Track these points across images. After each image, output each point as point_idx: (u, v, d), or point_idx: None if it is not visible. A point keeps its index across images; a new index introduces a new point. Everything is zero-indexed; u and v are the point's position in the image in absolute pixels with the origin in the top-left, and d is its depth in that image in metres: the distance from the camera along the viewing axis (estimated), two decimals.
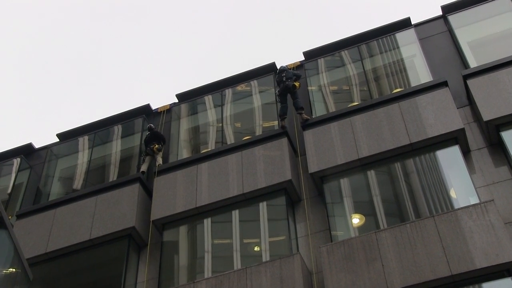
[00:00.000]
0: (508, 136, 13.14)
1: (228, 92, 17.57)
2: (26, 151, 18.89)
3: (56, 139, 18.91)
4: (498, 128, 13.30)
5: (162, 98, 56.22)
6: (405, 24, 16.94)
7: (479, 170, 13.12)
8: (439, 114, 13.70)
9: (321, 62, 17.03)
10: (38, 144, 19.26)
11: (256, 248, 13.90)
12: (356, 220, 13.41)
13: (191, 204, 14.62)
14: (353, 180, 13.98)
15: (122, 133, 18.07)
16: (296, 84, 15.34)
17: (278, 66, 17.07)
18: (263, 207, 14.29)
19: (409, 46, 16.34)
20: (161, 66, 57.73)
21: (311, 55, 17.47)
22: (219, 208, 14.56)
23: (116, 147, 17.72)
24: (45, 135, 56.22)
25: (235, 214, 14.39)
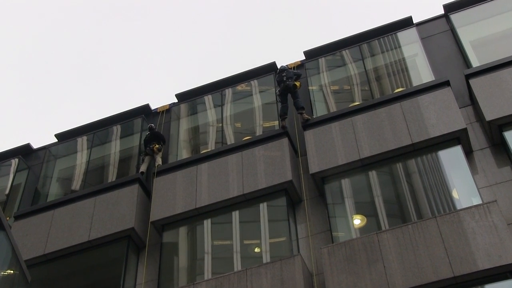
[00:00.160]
0: (511, 136, 13.07)
1: (228, 92, 17.55)
2: (24, 152, 18.84)
3: (54, 140, 18.87)
4: (501, 128, 13.26)
5: (161, 98, 56.22)
6: (406, 23, 16.91)
7: (481, 170, 13.07)
8: (441, 114, 13.66)
9: (322, 61, 17.00)
10: (36, 145, 19.29)
11: (257, 249, 13.88)
12: (357, 221, 13.37)
13: (190, 205, 14.59)
14: (355, 180, 13.95)
15: (121, 134, 18.03)
16: (297, 83, 15.33)
17: (279, 66, 17.08)
18: (263, 208, 14.26)
19: (411, 45, 16.32)
20: (160, 66, 57.84)
21: (311, 54, 17.43)
22: (219, 209, 14.53)
23: (115, 148, 17.69)
24: (43, 135, 56.31)
25: (235, 215, 14.37)
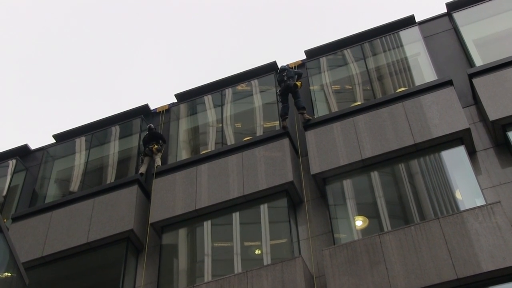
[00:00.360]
0: None
1: (228, 92, 17.53)
2: (22, 153, 18.79)
3: (52, 140, 18.84)
4: (505, 128, 13.20)
5: (160, 98, 56.20)
6: (409, 22, 16.87)
7: (485, 171, 13.01)
8: (444, 113, 13.62)
9: (323, 61, 16.98)
10: (34, 145, 19.25)
11: (257, 251, 13.85)
12: (359, 222, 13.33)
13: (190, 207, 14.54)
14: (356, 181, 13.90)
15: (120, 134, 18.00)
16: (298, 83, 15.33)
17: (279, 65, 17.08)
18: (264, 209, 14.22)
19: (413, 44, 16.29)
20: (159, 65, 57.79)
21: (313, 53, 17.40)
22: (219, 211, 14.49)
23: (114, 148, 17.66)
24: (41, 136, 56.20)
25: (236, 217, 14.33)
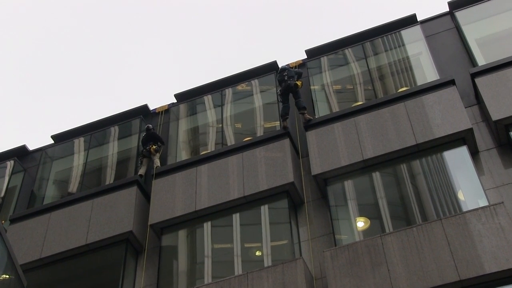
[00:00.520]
0: None
1: (228, 92, 17.51)
2: (20, 153, 18.76)
3: (50, 141, 18.83)
4: (508, 128, 13.16)
5: (160, 98, 56.26)
6: (410, 21, 16.85)
7: (488, 171, 12.97)
8: (446, 113, 13.58)
9: (324, 60, 16.95)
10: (32, 146, 19.34)
11: (258, 253, 13.83)
12: (360, 223, 13.31)
13: (190, 208, 14.50)
14: (358, 182, 13.87)
15: (119, 135, 17.98)
16: (298, 83, 15.33)
17: (280, 65, 17.12)
18: (264, 210, 14.19)
19: (415, 43, 16.27)
20: (159, 65, 57.82)
21: (313, 53, 17.37)
22: (219, 212, 14.46)
23: (113, 149, 17.64)
24: (39, 136, 56.27)
25: (236, 218, 14.30)
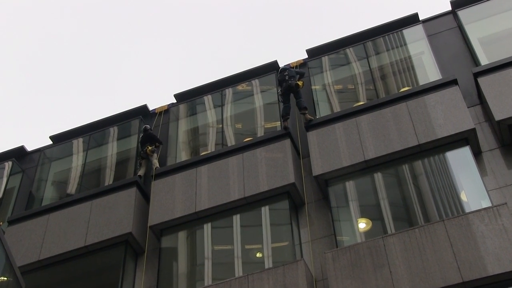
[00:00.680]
0: None
1: (229, 92, 17.49)
2: (18, 154, 18.76)
3: (49, 142, 18.81)
4: (511, 128, 13.07)
5: (160, 98, 56.23)
6: (412, 20, 16.81)
7: (491, 172, 12.90)
8: (449, 113, 13.53)
9: (325, 60, 16.92)
10: (30, 147, 19.22)
11: (258, 254, 13.80)
12: (362, 224, 13.27)
13: (190, 209, 14.46)
14: (359, 183, 13.84)
15: (118, 135, 17.96)
16: (299, 83, 15.31)
17: (280, 65, 17.12)
18: (265, 211, 14.15)
19: (417, 43, 16.23)
20: (159, 65, 57.85)
21: (314, 53, 17.33)
22: (220, 213, 14.41)
23: (112, 150, 17.62)
24: (37, 137, 56.27)
25: (236, 219, 14.26)
